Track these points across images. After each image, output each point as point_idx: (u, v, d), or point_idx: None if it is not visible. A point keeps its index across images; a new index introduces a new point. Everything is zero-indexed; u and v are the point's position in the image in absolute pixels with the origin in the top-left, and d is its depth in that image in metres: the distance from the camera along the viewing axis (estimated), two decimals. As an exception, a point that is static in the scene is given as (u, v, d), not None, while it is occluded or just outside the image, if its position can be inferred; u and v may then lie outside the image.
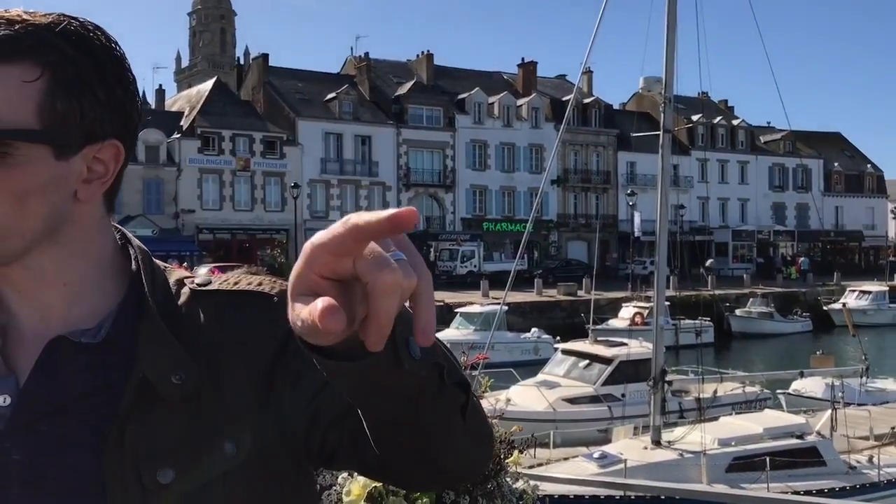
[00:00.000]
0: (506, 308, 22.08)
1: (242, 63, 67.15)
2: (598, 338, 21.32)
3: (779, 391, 18.83)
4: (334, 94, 49.79)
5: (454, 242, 49.06)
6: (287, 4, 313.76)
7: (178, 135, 44.83)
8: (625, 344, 19.23)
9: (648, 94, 57.46)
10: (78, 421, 0.86)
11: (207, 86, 49.99)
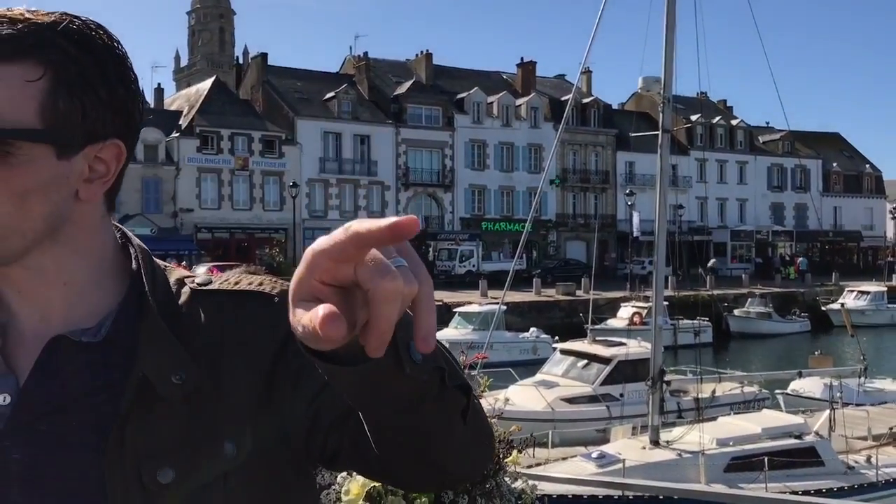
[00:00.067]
0: (504, 308, 22.08)
1: (241, 62, 67.04)
2: (597, 337, 21.32)
3: (777, 391, 18.82)
4: (333, 94, 49.76)
5: (453, 242, 49.04)
6: (286, 4, 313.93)
7: (177, 134, 44.82)
8: (623, 344, 19.21)
9: (647, 94, 57.48)
10: (78, 420, 0.86)
11: (206, 85, 49.99)
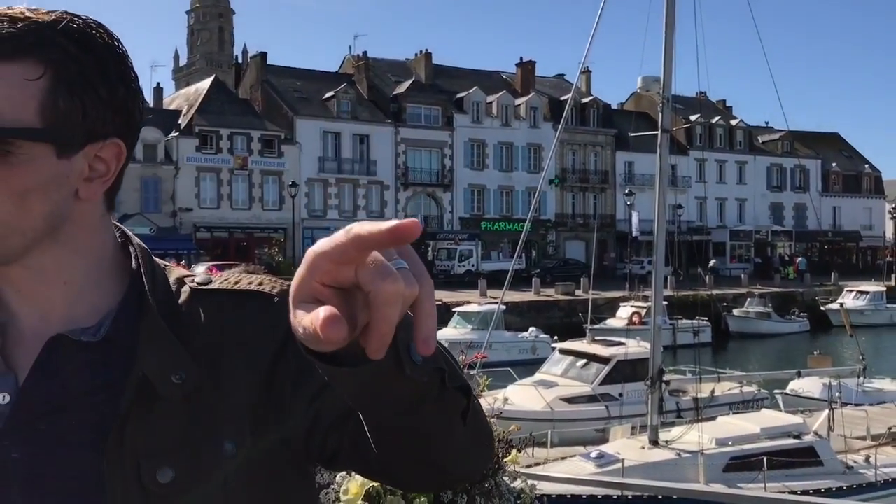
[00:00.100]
0: (503, 307, 22.10)
1: (241, 61, 67.07)
2: (596, 337, 21.31)
3: (776, 391, 18.83)
4: (332, 93, 49.75)
5: (452, 242, 49.03)
6: (285, 3, 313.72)
7: (176, 133, 44.81)
8: (622, 343, 19.20)
9: (647, 94, 57.48)
10: (78, 420, 0.85)
11: (205, 84, 49.98)
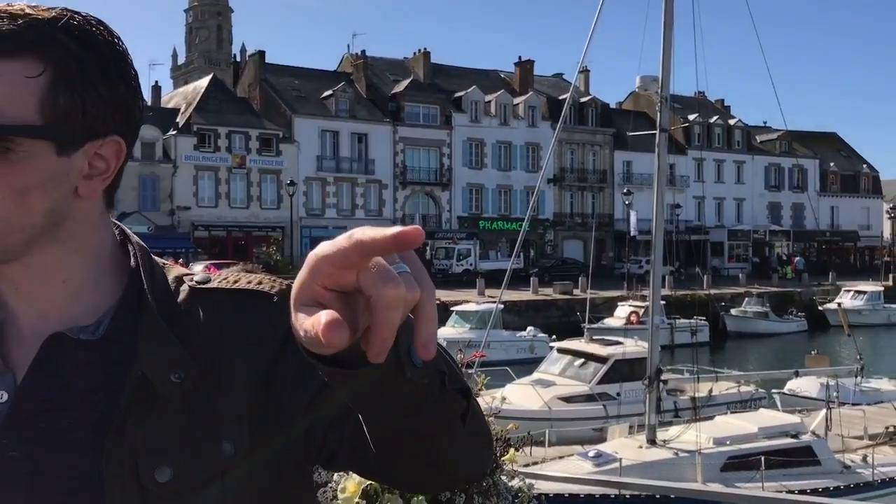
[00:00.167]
0: (501, 306, 22.10)
1: (239, 60, 66.99)
2: (594, 336, 21.32)
3: (774, 391, 18.84)
4: (331, 92, 49.71)
5: (450, 241, 49.02)
6: (283, 2, 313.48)
7: (174, 132, 44.75)
8: (620, 343, 19.21)
9: (645, 94, 57.55)
10: (76, 418, 0.85)
11: (204, 83, 49.91)
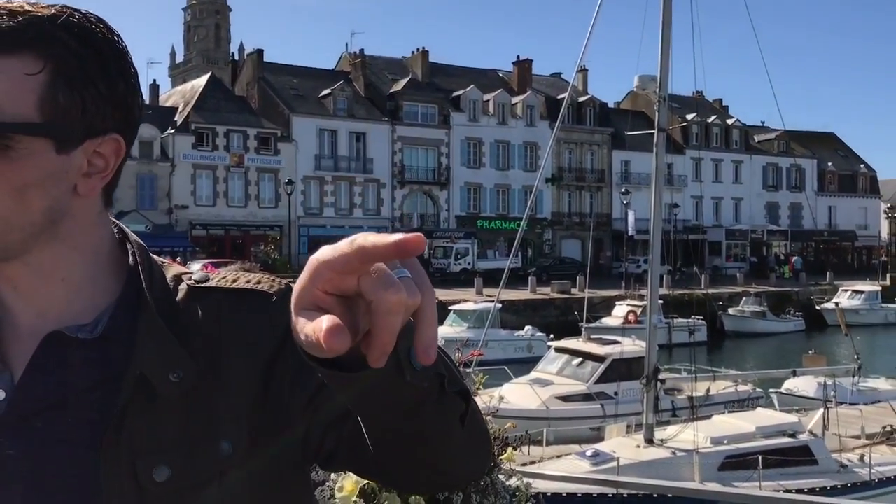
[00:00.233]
0: (499, 306, 22.05)
1: (237, 59, 66.90)
2: (592, 336, 21.31)
3: (771, 390, 18.85)
4: (329, 91, 49.68)
5: (448, 240, 48.98)
6: (282, 0, 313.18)
7: (172, 130, 44.69)
8: (618, 342, 19.21)
9: (643, 93, 57.59)
10: (74, 417, 0.85)
11: (202, 81, 49.85)
